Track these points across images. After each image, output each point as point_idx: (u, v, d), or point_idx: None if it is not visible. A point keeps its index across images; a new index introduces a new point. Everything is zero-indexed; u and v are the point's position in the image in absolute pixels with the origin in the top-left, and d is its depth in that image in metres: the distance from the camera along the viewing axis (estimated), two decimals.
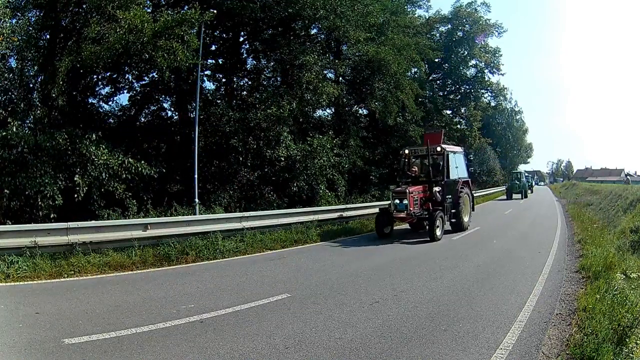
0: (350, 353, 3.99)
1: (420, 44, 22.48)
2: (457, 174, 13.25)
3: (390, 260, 8.84)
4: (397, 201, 11.61)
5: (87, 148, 10.14)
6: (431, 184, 12.37)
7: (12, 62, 11.28)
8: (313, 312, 5.28)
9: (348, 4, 15.96)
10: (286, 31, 16.50)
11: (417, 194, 11.87)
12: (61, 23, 11.90)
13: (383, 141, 23.23)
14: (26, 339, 4.27)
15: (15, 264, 7.14)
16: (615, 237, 11.24)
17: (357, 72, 19.36)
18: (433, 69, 31.05)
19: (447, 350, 4.05)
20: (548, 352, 4.07)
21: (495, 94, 37.70)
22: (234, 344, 4.21)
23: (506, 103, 46.58)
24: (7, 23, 10.05)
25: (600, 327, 4.29)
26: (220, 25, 15.69)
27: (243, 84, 18.04)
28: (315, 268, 8.08)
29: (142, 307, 5.45)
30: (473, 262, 8.52)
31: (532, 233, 13.37)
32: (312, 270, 7.89)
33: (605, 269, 6.81)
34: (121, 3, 10.09)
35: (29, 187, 9.27)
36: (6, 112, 10.31)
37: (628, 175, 79.40)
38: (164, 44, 10.42)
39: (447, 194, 12.46)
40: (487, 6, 30.07)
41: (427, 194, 12.29)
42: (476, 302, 5.64)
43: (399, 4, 22.64)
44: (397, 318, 5.02)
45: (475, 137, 31.80)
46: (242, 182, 14.82)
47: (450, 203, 12.59)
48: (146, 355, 3.95)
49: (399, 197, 11.63)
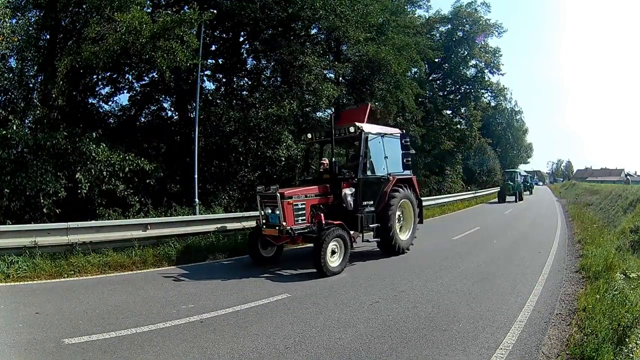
0: (350, 353, 3.99)
1: (420, 44, 22.45)
2: (385, 168, 9.18)
3: (390, 260, 8.84)
4: (269, 210, 7.84)
5: (87, 146, 10.15)
6: (337, 183, 8.48)
7: (12, 62, 11.28)
8: (313, 312, 5.28)
9: (348, 4, 15.93)
10: (286, 31, 16.49)
11: (303, 200, 7.93)
12: (61, 23, 11.89)
13: None
14: (26, 339, 4.27)
15: (15, 264, 7.14)
16: (615, 237, 11.23)
17: (357, 72, 19.34)
18: (433, 69, 31.01)
19: (447, 350, 4.05)
20: (548, 352, 4.07)
21: (495, 94, 37.64)
22: (234, 344, 4.22)
23: (506, 103, 46.63)
24: (7, 23, 10.04)
25: (600, 327, 4.29)
26: (220, 25, 15.67)
27: (243, 84, 18.03)
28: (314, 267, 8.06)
29: (142, 307, 5.45)
30: (473, 262, 8.53)
31: (532, 233, 13.37)
32: (312, 270, 7.88)
33: (605, 269, 6.82)
34: (120, 4, 10.08)
35: (29, 187, 9.27)
36: (6, 112, 10.31)
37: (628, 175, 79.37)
38: (164, 44, 10.42)
39: (365, 199, 8.60)
40: (487, 6, 30.04)
41: (328, 198, 8.39)
42: (476, 302, 5.64)
43: (399, 4, 22.62)
44: (397, 318, 5.02)
45: (475, 137, 31.71)
46: (242, 182, 14.82)
47: (370, 213, 8.65)
48: (146, 355, 3.95)
49: (270, 205, 7.84)
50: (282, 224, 7.55)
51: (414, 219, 9.95)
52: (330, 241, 7.29)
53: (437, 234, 13.51)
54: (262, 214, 8.04)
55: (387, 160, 9.25)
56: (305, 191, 8.18)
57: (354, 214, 8.32)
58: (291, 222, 7.65)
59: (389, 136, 9.53)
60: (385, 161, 9.21)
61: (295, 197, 7.82)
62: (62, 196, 9.73)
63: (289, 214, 7.66)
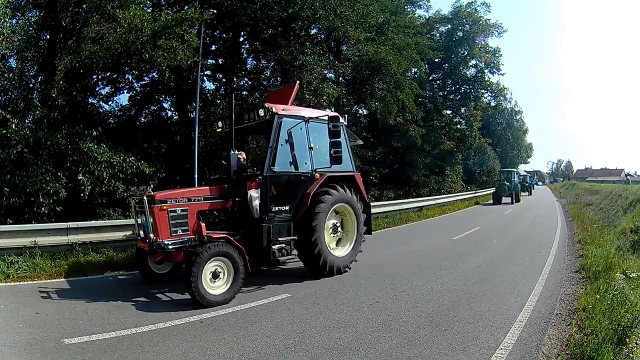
0: (350, 353, 3.99)
1: (420, 44, 22.47)
2: (308, 162, 7.12)
3: (390, 260, 8.84)
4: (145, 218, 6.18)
5: (87, 146, 10.16)
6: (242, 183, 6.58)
7: (12, 62, 11.28)
8: (313, 312, 5.28)
9: (348, 4, 15.95)
10: (286, 31, 16.50)
11: (184, 204, 6.13)
12: (61, 23, 11.89)
13: (383, 141, 23.24)
14: (26, 339, 4.27)
15: (15, 264, 7.15)
16: (615, 237, 11.24)
17: (357, 72, 19.35)
18: (433, 69, 31.02)
19: (447, 351, 4.05)
20: (548, 352, 4.07)
21: (495, 94, 37.66)
22: (234, 344, 4.22)
23: (506, 103, 46.59)
24: (7, 23, 10.04)
25: (600, 327, 4.29)
26: (220, 25, 15.69)
27: (243, 84, 18.05)
28: None
29: (142, 307, 5.45)
30: (473, 262, 8.52)
31: (532, 233, 13.36)
32: None
33: (605, 269, 6.81)
34: (121, 2, 10.09)
35: (29, 186, 9.27)
36: (6, 112, 10.31)
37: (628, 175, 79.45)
38: (164, 43, 10.42)
39: (276, 203, 6.65)
40: (487, 6, 30.06)
41: (226, 203, 6.56)
42: (476, 302, 5.64)
43: (399, 4, 22.64)
44: (397, 318, 5.02)
45: (475, 137, 31.70)
46: None
47: (284, 222, 6.72)
48: (146, 355, 3.95)
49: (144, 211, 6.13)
50: (149, 236, 5.87)
51: (357, 230, 7.68)
52: (208, 261, 5.45)
53: (437, 234, 13.52)
54: (138, 222, 6.48)
55: (312, 153, 7.09)
56: (188, 193, 6.32)
57: (258, 223, 6.38)
58: (166, 234, 5.85)
59: (317, 121, 7.21)
60: (309, 154, 7.07)
61: (171, 202, 6.01)
62: (63, 196, 9.73)
63: (162, 224, 5.86)
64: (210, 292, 5.48)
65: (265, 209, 6.49)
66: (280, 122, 6.76)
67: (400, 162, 24.47)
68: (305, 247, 6.94)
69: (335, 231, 7.54)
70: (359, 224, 7.76)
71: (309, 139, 7.16)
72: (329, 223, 7.33)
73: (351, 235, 7.71)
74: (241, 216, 6.49)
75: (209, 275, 5.54)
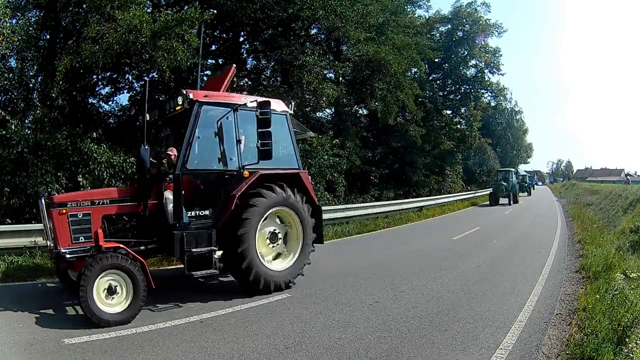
0: (350, 353, 3.99)
1: (420, 44, 22.49)
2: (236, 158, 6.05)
3: (390, 260, 8.83)
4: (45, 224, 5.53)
5: (88, 146, 10.16)
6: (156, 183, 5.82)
7: (12, 62, 11.29)
8: (313, 312, 5.28)
9: (347, 4, 15.96)
10: (286, 31, 16.50)
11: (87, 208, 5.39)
12: (61, 23, 11.90)
13: (383, 141, 23.25)
14: (26, 339, 4.27)
15: (15, 264, 7.14)
16: (615, 237, 11.23)
17: (357, 72, 19.36)
18: (433, 69, 31.01)
19: (447, 350, 4.05)
20: (548, 352, 4.07)
21: (495, 94, 37.64)
22: (234, 344, 4.22)
23: (506, 103, 46.54)
24: (7, 23, 10.05)
25: (600, 327, 4.29)
26: (220, 25, 15.69)
27: (243, 84, 18.04)
28: (315, 268, 8.05)
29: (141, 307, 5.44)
30: (473, 262, 8.52)
31: (532, 233, 13.36)
32: (312, 270, 7.87)
33: (605, 269, 6.82)
34: (121, 3, 10.09)
35: (30, 186, 9.27)
36: (6, 112, 10.31)
37: (628, 175, 79.46)
38: (164, 43, 10.42)
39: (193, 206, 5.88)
40: (487, 6, 30.04)
41: (137, 206, 5.66)
42: (476, 302, 5.64)
43: (399, 4, 22.65)
44: (397, 318, 5.02)
45: (475, 137, 31.68)
46: None
47: (204, 229, 5.73)
48: (146, 355, 3.95)
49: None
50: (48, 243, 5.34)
51: (303, 238, 6.51)
52: (99, 274, 4.72)
53: (437, 234, 13.52)
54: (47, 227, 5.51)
55: (239, 147, 6.06)
56: (91, 195, 5.61)
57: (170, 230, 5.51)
58: (66, 242, 5.19)
59: (249, 109, 6.06)
60: (237, 148, 6.04)
61: (71, 205, 5.30)
62: None
63: (62, 229, 5.21)
64: (105, 310, 4.72)
65: (179, 213, 5.50)
66: (200, 110, 5.78)
67: (400, 162, 24.47)
68: (232, 260, 5.84)
69: (275, 240, 6.36)
70: (306, 231, 6.53)
71: (238, 130, 6.06)
72: (266, 231, 6.22)
73: (296, 245, 6.51)
74: (156, 222, 5.63)
75: (103, 290, 4.79)
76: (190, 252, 5.50)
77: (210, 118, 5.93)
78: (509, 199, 27.35)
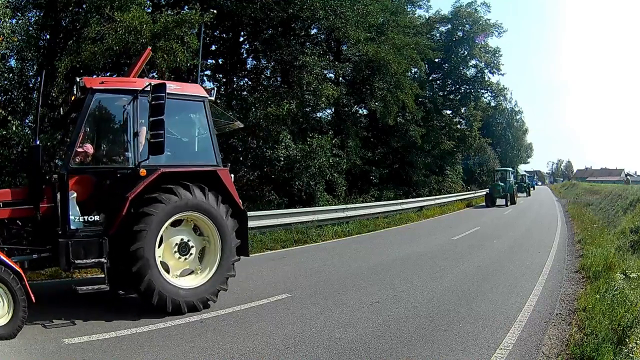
0: (350, 353, 3.99)
1: (420, 44, 22.49)
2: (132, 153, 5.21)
3: (390, 260, 8.84)
4: None
5: None
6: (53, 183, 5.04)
7: (12, 62, 11.29)
8: (313, 312, 5.28)
9: (347, 4, 15.96)
10: (286, 31, 16.50)
11: None
12: (61, 23, 11.91)
13: (383, 141, 23.25)
14: (26, 339, 4.26)
15: None
16: (615, 237, 11.23)
17: (357, 72, 19.37)
18: (433, 69, 31.01)
19: (447, 351, 4.05)
20: (548, 352, 4.07)
21: (495, 94, 37.62)
22: (234, 344, 4.21)
23: (506, 103, 46.55)
24: (7, 23, 10.05)
25: (600, 327, 4.29)
26: (220, 25, 15.68)
27: (243, 84, 18.06)
28: (315, 268, 8.08)
29: (142, 307, 5.44)
30: (473, 262, 8.53)
31: (532, 233, 13.37)
32: (312, 270, 7.89)
33: (605, 269, 6.81)
34: (121, 3, 10.09)
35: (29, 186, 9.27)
36: (6, 112, 10.31)
37: (628, 175, 79.45)
38: (164, 44, 10.42)
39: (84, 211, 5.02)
40: (487, 6, 30.03)
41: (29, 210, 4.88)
42: (476, 302, 5.64)
43: (399, 4, 22.65)
44: (397, 318, 5.02)
45: (475, 137, 31.68)
46: (242, 182, 14.82)
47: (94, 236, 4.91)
48: (146, 355, 3.95)
49: None
50: None
51: (222, 248, 5.39)
52: None
53: (437, 234, 13.52)
54: None
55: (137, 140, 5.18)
56: None
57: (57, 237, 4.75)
58: None
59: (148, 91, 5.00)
60: (133, 141, 5.18)
61: None
62: None
63: None
64: None
65: (63, 218, 4.78)
66: (92, 99, 5.01)
67: (400, 162, 24.48)
68: (129, 277, 4.94)
69: (186, 251, 5.30)
70: (226, 240, 5.41)
71: (137, 120, 5.20)
72: (173, 241, 5.22)
73: (213, 257, 5.39)
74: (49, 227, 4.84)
75: None
76: (75, 263, 4.73)
77: (108, 108, 5.31)
78: (505, 200, 26.44)
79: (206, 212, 5.28)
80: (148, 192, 4.97)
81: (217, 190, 5.44)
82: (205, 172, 5.49)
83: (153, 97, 4.83)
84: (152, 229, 4.85)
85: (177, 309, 4.99)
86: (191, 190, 5.14)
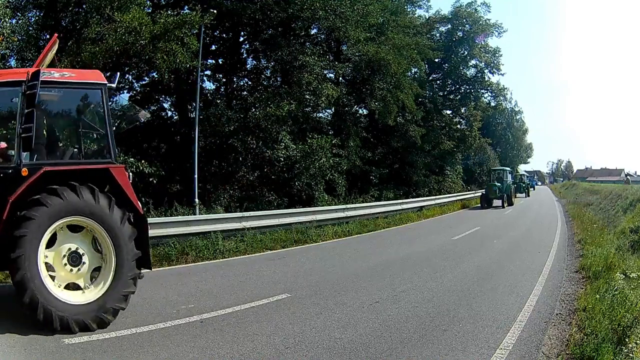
0: (350, 353, 3.99)
1: (420, 44, 22.51)
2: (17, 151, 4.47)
3: (390, 260, 8.83)
4: None
5: None
6: None
7: (12, 62, 11.29)
8: (313, 312, 5.28)
9: (347, 4, 15.97)
10: (286, 31, 16.52)
11: None
12: (61, 23, 11.90)
13: (383, 141, 23.26)
14: (26, 339, 4.26)
15: None
16: (615, 237, 11.23)
17: (357, 72, 19.39)
18: (433, 69, 31.03)
19: (447, 351, 4.05)
20: (548, 352, 4.07)
21: (495, 94, 37.64)
22: (234, 344, 4.21)
23: (506, 103, 46.60)
24: (7, 23, 10.05)
25: (600, 327, 4.29)
26: (220, 26, 15.70)
27: (243, 84, 18.07)
28: (315, 268, 8.08)
29: (142, 307, 5.44)
30: (473, 262, 8.53)
31: (532, 233, 13.37)
32: (312, 270, 7.89)
33: (605, 269, 6.81)
34: (120, 3, 10.09)
35: None
36: None
37: (628, 175, 79.39)
38: (164, 45, 10.43)
39: None
40: (487, 6, 30.06)
41: None
42: (476, 302, 5.64)
43: (399, 4, 22.67)
44: (397, 318, 5.02)
45: (475, 137, 31.68)
46: (242, 182, 14.84)
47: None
48: (146, 355, 3.95)
49: None
50: None
51: (117, 258, 4.60)
52: None
53: (437, 234, 13.52)
54: None
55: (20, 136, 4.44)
56: None
57: None
58: None
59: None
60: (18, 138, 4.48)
61: None
62: None
63: None
64: None
65: None
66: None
67: (400, 162, 24.48)
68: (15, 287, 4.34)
69: (77, 262, 4.57)
70: (121, 250, 4.60)
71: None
72: (63, 249, 4.51)
73: (109, 268, 4.61)
74: None
75: None
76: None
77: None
78: (502, 201, 24.97)
79: (96, 217, 4.51)
80: (34, 193, 4.33)
81: (111, 190, 4.75)
82: (94, 170, 4.76)
83: (27, 87, 4.29)
84: (32, 234, 4.22)
85: (65, 327, 4.27)
86: (77, 191, 4.42)
